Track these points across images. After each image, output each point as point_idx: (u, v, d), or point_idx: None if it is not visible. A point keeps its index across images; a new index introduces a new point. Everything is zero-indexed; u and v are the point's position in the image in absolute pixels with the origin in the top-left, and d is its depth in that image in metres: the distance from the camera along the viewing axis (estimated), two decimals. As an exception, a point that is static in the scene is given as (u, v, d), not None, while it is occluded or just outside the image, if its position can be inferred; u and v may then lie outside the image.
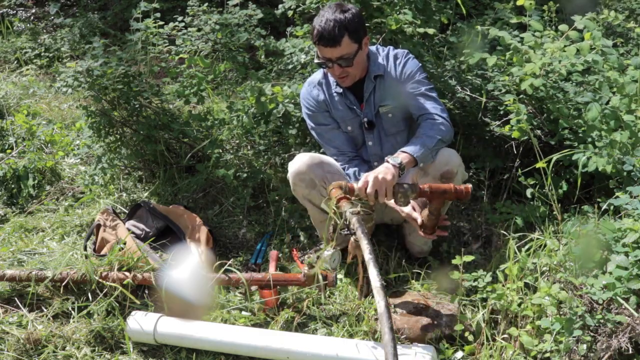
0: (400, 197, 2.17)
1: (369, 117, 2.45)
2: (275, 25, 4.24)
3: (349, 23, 2.22)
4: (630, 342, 1.84)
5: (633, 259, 1.91)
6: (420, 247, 2.59)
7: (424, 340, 2.17)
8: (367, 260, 1.75)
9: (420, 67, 2.43)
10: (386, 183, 2.11)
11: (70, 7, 5.96)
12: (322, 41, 2.24)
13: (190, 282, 2.36)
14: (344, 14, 2.23)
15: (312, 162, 2.42)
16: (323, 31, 2.22)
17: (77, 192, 3.40)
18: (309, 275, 2.33)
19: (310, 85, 2.52)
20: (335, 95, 2.46)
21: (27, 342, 2.29)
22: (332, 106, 2.48)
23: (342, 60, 2.27)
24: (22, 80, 4.79)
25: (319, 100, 2.49)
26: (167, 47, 3.33)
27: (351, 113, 2.47)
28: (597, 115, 2.46)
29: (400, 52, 2.45)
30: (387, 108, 2.44)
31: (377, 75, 2.41)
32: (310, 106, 2.51)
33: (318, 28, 2.24)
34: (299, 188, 2.45)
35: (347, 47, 2.24)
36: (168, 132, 3.21)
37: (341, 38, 2.22)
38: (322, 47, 2.27)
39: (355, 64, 2.30)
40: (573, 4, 2.99)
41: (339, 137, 2.50)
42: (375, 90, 2.43)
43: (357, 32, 2.25)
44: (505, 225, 2.68)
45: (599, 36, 2.51)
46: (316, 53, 2.33)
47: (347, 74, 2.33)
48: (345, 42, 2.23)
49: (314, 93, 2.50)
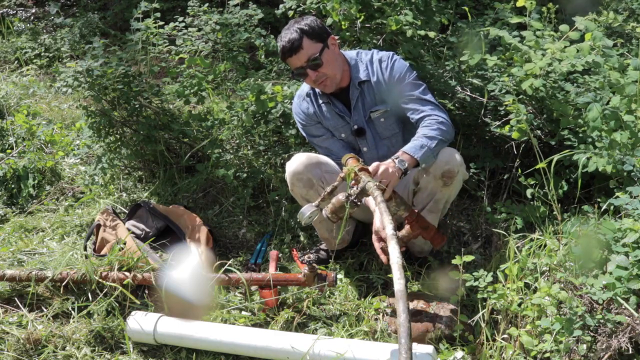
0: (393, 207, 2.20)
1: (358, 124, 2.46)
2: (276, 25, 4.23)
3: (304, 26, 2.30)
4: (630, 342, 1.84)
5: (633, 259, 1.91)
6: (420, 247, 2.59)
7: (424, 340, 2.17)
8: (390, 235, 1.78)
9: (408, 67, 2.43)
10: (393, 179, 2.13)
11: (70, 7, 5.96)
12: (287, 53, 2.31)
13: (190, 282, 2.36)
14: (298, 23, 2.32)
15: (309, 162, 2.43)
16: (284, 44, 2.31)
17: (77, 192, 3.40)
18: (309, 275, 2.34)
19: (299, 98, 2.56)
20: (323, 105, 2.49)
21: (27, 342, 2.29)
22: (322, 116, 2.50)
23: (310, 63, 2.30)
24: (22, 80, 4.78)
25: (308, 113, 2.52)
26: (167, 47, 3.33)
27: (342, 121, 2.49)
28: (597, 115, 2.46)
29: (384, 54, 2.45)
30: (379, 113, 2.45)
31: (362, 81, 2.42)
32: (302, 120, 2.55)
33: (280, 45, 2.33)
34: (296, 188, 2.46)
35: (310, 48, 2.30)
36: (168, 132, 3.21)
37: (300, 41, 2.28)
38: (289, 59, 2.33)
39: (326, 62, 2.32)
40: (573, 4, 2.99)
41: (336, 144, 2.52)
42: (363, 97, 2.44)
43: (315, 32, 2.31)
44: (505, 225, 2.69)
45: (600, 37, 2.51)
46: (290, 70, 2.38)
47: (324, 76, 2.35)
48: (306, 43, 2.29)
49: (303, 106, 2.54)
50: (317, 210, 2.16)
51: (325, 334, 2.26)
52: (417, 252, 2.62)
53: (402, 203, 2.21)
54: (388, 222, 1.83)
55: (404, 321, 1.53)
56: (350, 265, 2.65)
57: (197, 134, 3.22)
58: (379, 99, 2.44)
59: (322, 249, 2.72)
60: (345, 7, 2.83)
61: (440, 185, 2.31)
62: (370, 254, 2.69)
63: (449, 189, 2.33)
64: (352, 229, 2.68)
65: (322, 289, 2.39)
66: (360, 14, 2.88)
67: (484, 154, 2.92)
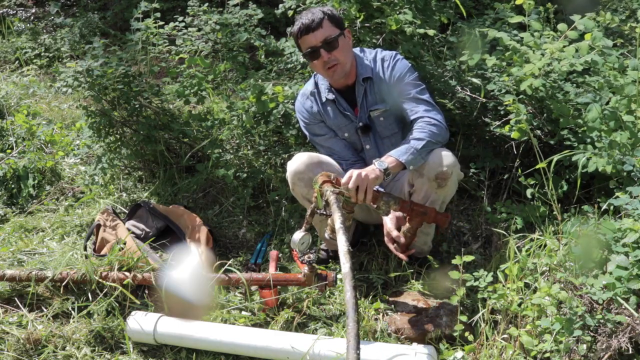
0: (382, 205, 2.23)
1: (363, 121, 2.47)
2: (276, 25, 4.23)
3: (327, 10, 2.37)
4: (630, 342, 1.84)
5: (633, 259, 1.91)
6: (420, 248, 2.59)
7: (424, 340, 2.17)
8: (337, 228, 1.87)
9: (410, 67, 2.43)
10: (368, 181, 2.14)
11: (70, 7, 5.96)
12: (305, 30, 2.32)
13: (190, 282, 2.36)
14: (321, 7, 2.39)
15: (310, 161, 2.43)
16: (305, 21, 2.32)
17: (77, 192, 3.40)
18: (309, 275, 2.34)
19: (303, 96, 2.56)
20: (328, 103, 2.49)
21: (27, 342, 2.29)
22: (326, 115, 2.51)
23: (326, 44, 2.31)
24: (22, 80, 4.78)
25: (312, 111, 2.53)
26: (167, 47, 3.33)
27: (345, 119, 2.49)
28: (597, 115, 2.46)
29: (387, 54, 2.46)
30: (379, 112, 2.45)
31: (366, 77, 2.42)
32: (305, 118, 2.55)
33: (299, 22, 2.34)
34: (297, 188, 2.46)
35: (328, 29, 2.32)
36: (168, 132, 3.21)
37: (321, 20, 2.31)
38: (305, 36, 2.33)
39: (341, 47, 2.34)
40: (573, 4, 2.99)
41: (338, 144, 2.52)
42: (366, 94, 2.44)
43: (336, 18, 2.36)
44: (505, 225, 2.69)
45: (600, 36, 2.51)
46: (302, 52, 2.39)
47: (335, 60, 2.34)
48: (325, 24, 2.32)
49: (307, 104, 2.54)
50: (307, 234, 2.17)
51: (325, 334, 2.26)
52: (417, 252, 2.62)
53: (391, 198, 2.24)
54: (337, 218, 1.91)
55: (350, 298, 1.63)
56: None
57: (197, 134, 3.22)
58: (379, 98, 2.44)
59: (322, 249, 2.72)
60: (345, 6, 2.83)
61: (434, 187, 2.31)
62: (370, 254, 2.69)
63: (443, 190, 2.32)
64: (353, 230, 2.68)
65: (322, 289, 2.39)
66: (360, 13, 2.89)
67: (484, 154, 2.92)
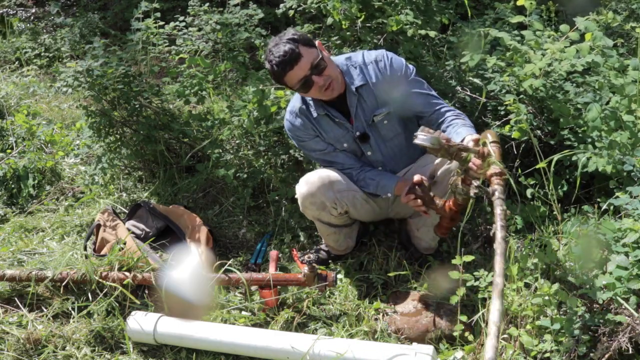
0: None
1: (360, 130, 2.39)
2: (276, 25, 4.23)
3: (293, 36, 2.19)
4: (630, 342, 1.84)
5: (633, 259, 1.91)
6: (428, 243, 2.58)
7: (424, 340, 2.17)
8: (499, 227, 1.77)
9: (405, 62, 2.37)
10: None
11: (70, 7, 5.96)
12: (286, 66, 2.17)
13: (190, 282, 2.36)
14: (284, 36, 2.20)
15: (322, 183, 2.37)
16: (281, 59, 2.17)
17: (77, 192, 3.40)
18: (309, 275, 2.34)
19: (291, 115, 2.44)
20: (320, 117, 2.38)
21: (27, 342, 2.29)
22: (321, 129, 2.41)
23: (315, 69, 2.20)
24: (22, 80, 4.78)
25: (306, 128, 2.41)
26: (167, 47, 3.33)
27: (342, 130, 2.40)
28: (597, 115, 2.46)
29: (378, 54, 2.36)
30: (382, 115, 2.37)
31: (359, 86, 2.33)
32: (298, 137, 2.45)
33: (275, 61, 2.18)
34: (309, 210, 2.44)
35: (309, 54, 2.19)
36: (168, 132, 3.21)
37: (298, 50, 2.17)
38: (289, 73, 2.19)
39: (328, 64, 2.23)
40: (574, 4, 2.99)
41: (338, 156, 2.46)
42: (362, 102, 2.35)
43: (306, 39, 2.22)
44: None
45: (600, 36, 2.51)
46: (293, 87, 2.25)
47: (329, 79, 2.24)
48: (303, 50, 2.17)
49: (297, 122, 2.41)
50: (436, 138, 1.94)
51: (325, 334, 2.26)
52: (424, 248, 2.61)
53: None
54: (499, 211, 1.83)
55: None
56: (350, 265, 2.65)
57: (197, 134, 3.22)
58: (380, 101, 2.36)
59: (322, 249, 2.71)
60: (346, 6, 2.83)
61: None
62: (370, 254, 2.69)
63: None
64: (355, 234, 2.67)
65: (322, 289, 2.39)
66: (361, 13, 2.89)
67: (484, 154, 2.91)
